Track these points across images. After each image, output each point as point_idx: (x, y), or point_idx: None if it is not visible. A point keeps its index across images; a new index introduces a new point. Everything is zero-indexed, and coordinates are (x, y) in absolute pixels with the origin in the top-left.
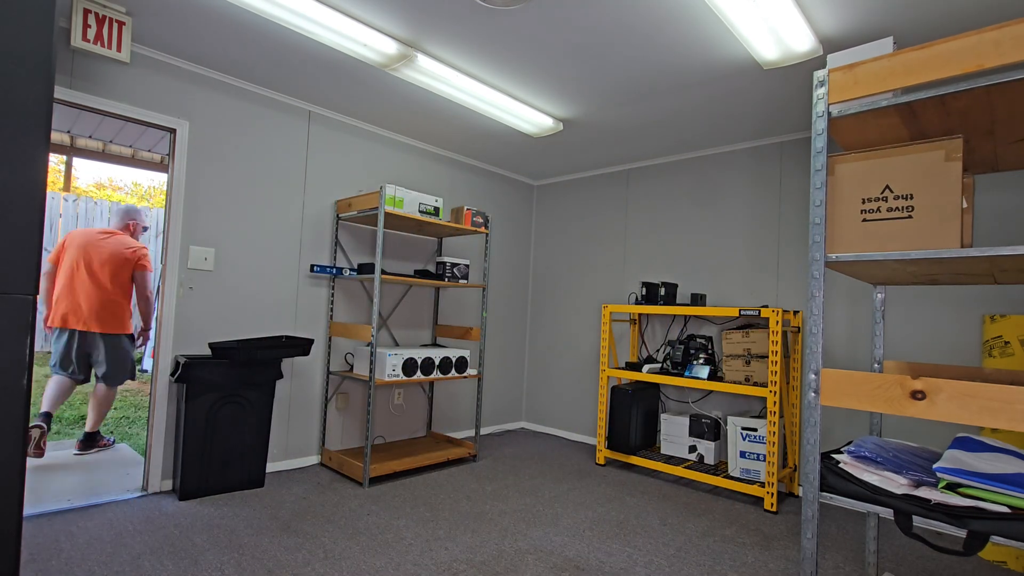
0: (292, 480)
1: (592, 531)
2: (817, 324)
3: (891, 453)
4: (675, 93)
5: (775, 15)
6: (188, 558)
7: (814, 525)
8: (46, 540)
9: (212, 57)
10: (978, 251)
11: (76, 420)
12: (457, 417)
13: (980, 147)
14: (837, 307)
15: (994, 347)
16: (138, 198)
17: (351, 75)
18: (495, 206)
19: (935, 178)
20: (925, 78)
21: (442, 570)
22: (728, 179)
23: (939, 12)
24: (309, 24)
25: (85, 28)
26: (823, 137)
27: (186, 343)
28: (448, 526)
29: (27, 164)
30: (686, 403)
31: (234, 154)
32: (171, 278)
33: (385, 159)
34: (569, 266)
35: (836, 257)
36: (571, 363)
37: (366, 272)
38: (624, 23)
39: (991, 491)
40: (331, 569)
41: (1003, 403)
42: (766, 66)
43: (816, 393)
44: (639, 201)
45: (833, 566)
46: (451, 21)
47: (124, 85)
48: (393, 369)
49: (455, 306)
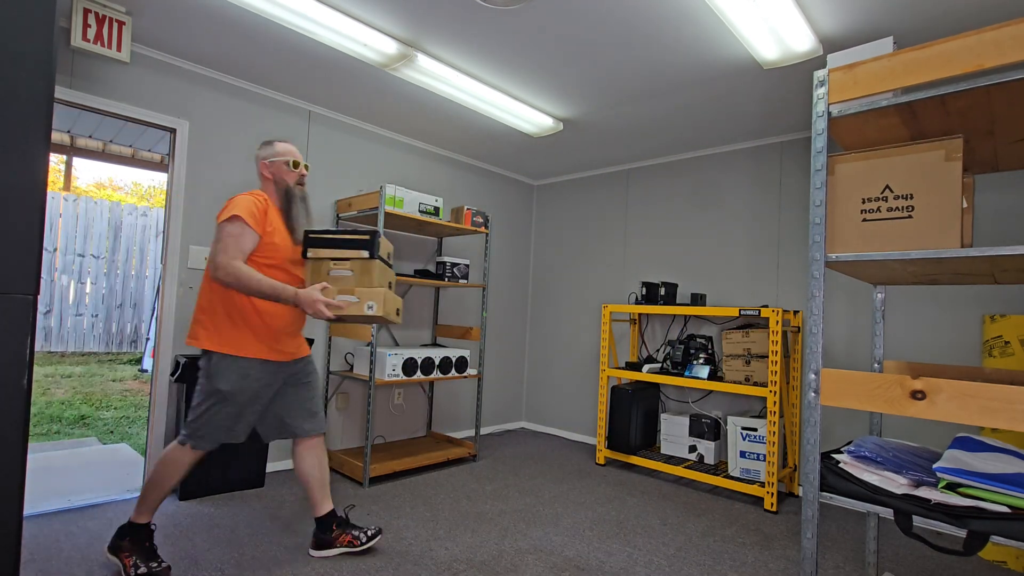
0: (292, 480)
1: (592, 531)
2: (817, 324)
3: (891, 453)
4: (675, 93)
5: (775, 15)
6: (188, 558)
7: (814, 525)
8: (46, 540)
9: (212, 57)
10: (978, 251)
11: (76, 420)
12: (457, 417)
13: (980, 147)
14: (837, 307)
15: (994, 347)
16: (138, 198)
17: (351, 75)
18: (495, 206)
19: (935, 178)
20: (925, 78)
21: (442, 570)
22: (728, 179)
23: (939, 12)
24: (309, 24)
25: (85, 28)
26: (823, 137)
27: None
28: (448, 526)
29: (27, 164)
30: (686, 403)
31: (234, 154)
32: (171, 278)
33: (385, 159)
34: (569, 266)
35: (836, 257)
36: (571, 363)
37: None
38: (624, 23)
39: (991, 491)
40: (331, 569)
41: (1003, 403)
42: (766, 66)
43: (816, 393)
44: (639, 201)
45: (833, 566)
46: (451, 21)
47: (124, 85)
48: (393, 369)
49: (455, 306)
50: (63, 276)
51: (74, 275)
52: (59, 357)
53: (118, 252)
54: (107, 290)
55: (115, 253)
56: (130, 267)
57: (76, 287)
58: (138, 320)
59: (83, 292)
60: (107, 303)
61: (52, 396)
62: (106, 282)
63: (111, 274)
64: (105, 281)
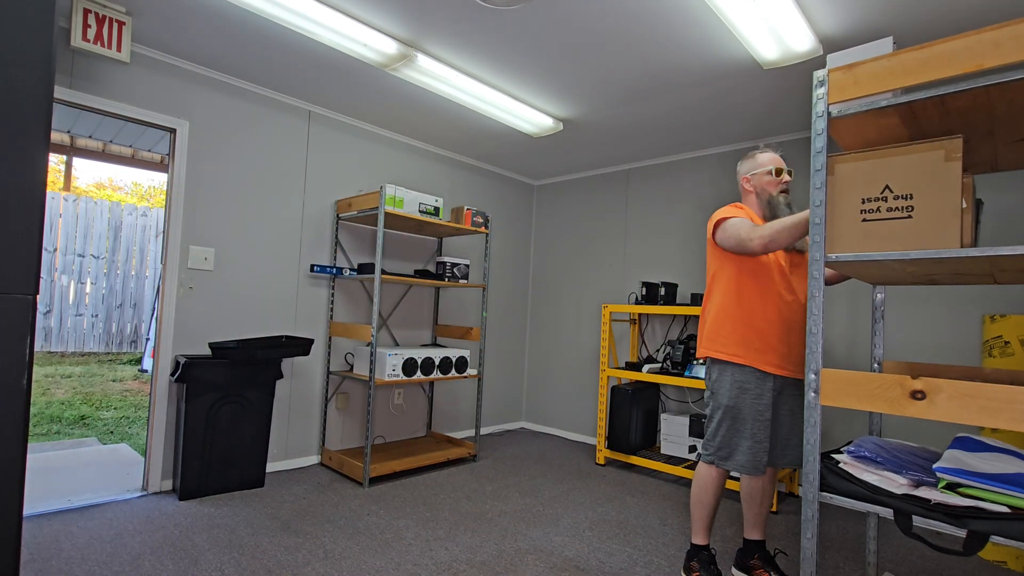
0: (292, 480)
1: (592, 531)
2: (817, 324)
3: (891, 453)
4: (675, 93)
5: (775, 15)
6: (188, 558)
7: (814, 525)
8: (46, 540)
9: (212, 57)
10: (978, 251)
11: (76, 420)
12: (457, 417)
13: (980, 147)
14: (837, 307)
15: (994, 347)
16: (138, 198)
17: (351, 75)
18: (495, 206)
19: (935, 178)
20: (925, 78)
21: (442, 570)
22: (728, 179)
23: (939, 12)
24: (309, 24)
25: (85, 28)
26: (823, 137)
27: (186, 343)
28: (448, 526)
29: (27, 164)
30: (686, 403)
31: (234, 154)
32: (171, 278)
33: (385, 159)
34: (569, 266)
35: (836, 257)
36: (571, 363)
37: (366, 272)
38: (624, 23)
39: (991, 491)
40: (331, 569)
41: (1003, 403)
42: (766, 66)
43: (816, 393)
44: (639, 201)
45: (833, 566)
46: (451, 21)
47: (124, 85)
48: (393, 369)
49: (455, 306)
50: (63, 276)
51: (74, 275)
52: (59, 357)
53: (118, 252)
54: (107, 290)
55: (115, 253)
56: (130, 267)
57: (76, 287)
58: (138, 320)
59: (83, 292)
60: (107, 303)
61: (52, 396)
62: (106, 282)
63: (111, 274)
64: (105, 281)
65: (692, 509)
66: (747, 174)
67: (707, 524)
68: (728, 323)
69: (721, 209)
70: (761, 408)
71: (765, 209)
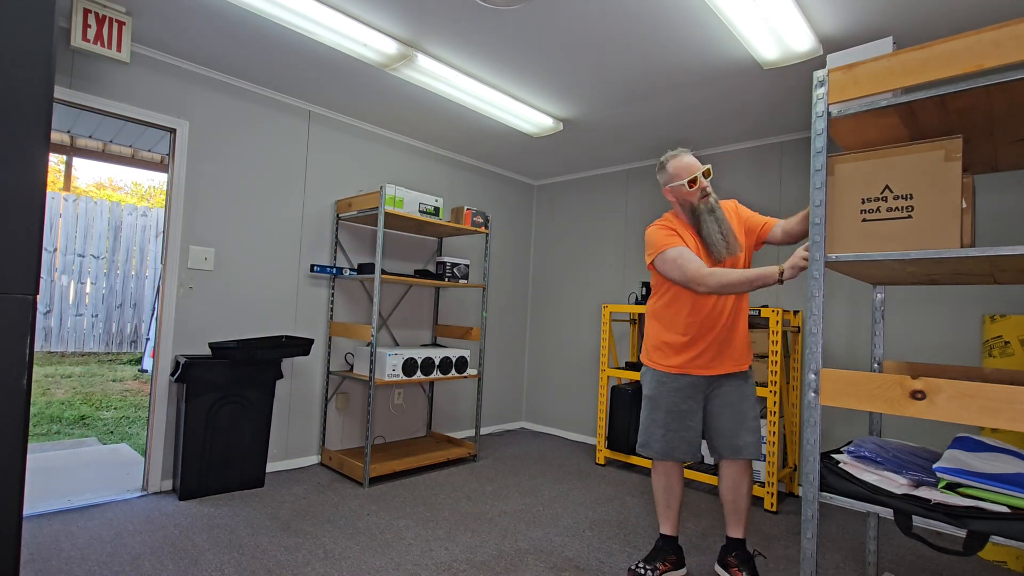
0: (292, 480)
1: (592, 531)
2: (817, 324)
3: (891, 453)
4: (675, 93)
5: (775, 15)
6: (188, 558)
7: (814, 525)
8: (46, 540)
9: (212, 57)
10: (978, 251)
11: (76, 420)
12: (457, 417)
13: (980, 147)
14: (837, 307)
15: (994, 347)
16: (138, 198)
17: (351, 75)
18: (495, 206)
19: (935, 178)
20: (924, 78)
21: (442, 570)
22: (728, 179)
23: (939, 12)
24: (309, 24)
25: (85, 28)
26: (823, 137)
27: (186, 343)
28: (448, 526)
29: (27, 164)
30: None
31: (234, 154)
32: (171, 278)
33: (385, 159)
34: (569, 266)
35: (836, 257)
36: (571, 363)
37: (366, 272)
38: (624, 23)
39: (991, 491)
40: (331, 569)
41: (1003, 403)
42: (766, 66)
43: (816, 393)
44: (639, 201)
45: (833, 566)
46: (451, 21)
47: (124, 85)
48: (393, 369)
49: (455, 306)
50: (63, 276)
51: (74, 275)
52: (59, 357)
53: (118, 252)
54: (107, 290)
55: (115, 253)
56: (130, 267)
57: (76, 287)
58: (138, 320)
59: (83, 292)
60: (107, 303)
61: (52, 396)
62: (106, 282)
63: (111, 274)
64: (105, 281)
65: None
66: (665, 186)
67: (663, 513)
68: (652, 332)
69: (652, 230)
70: (677, 400)
71: (690, 218)
